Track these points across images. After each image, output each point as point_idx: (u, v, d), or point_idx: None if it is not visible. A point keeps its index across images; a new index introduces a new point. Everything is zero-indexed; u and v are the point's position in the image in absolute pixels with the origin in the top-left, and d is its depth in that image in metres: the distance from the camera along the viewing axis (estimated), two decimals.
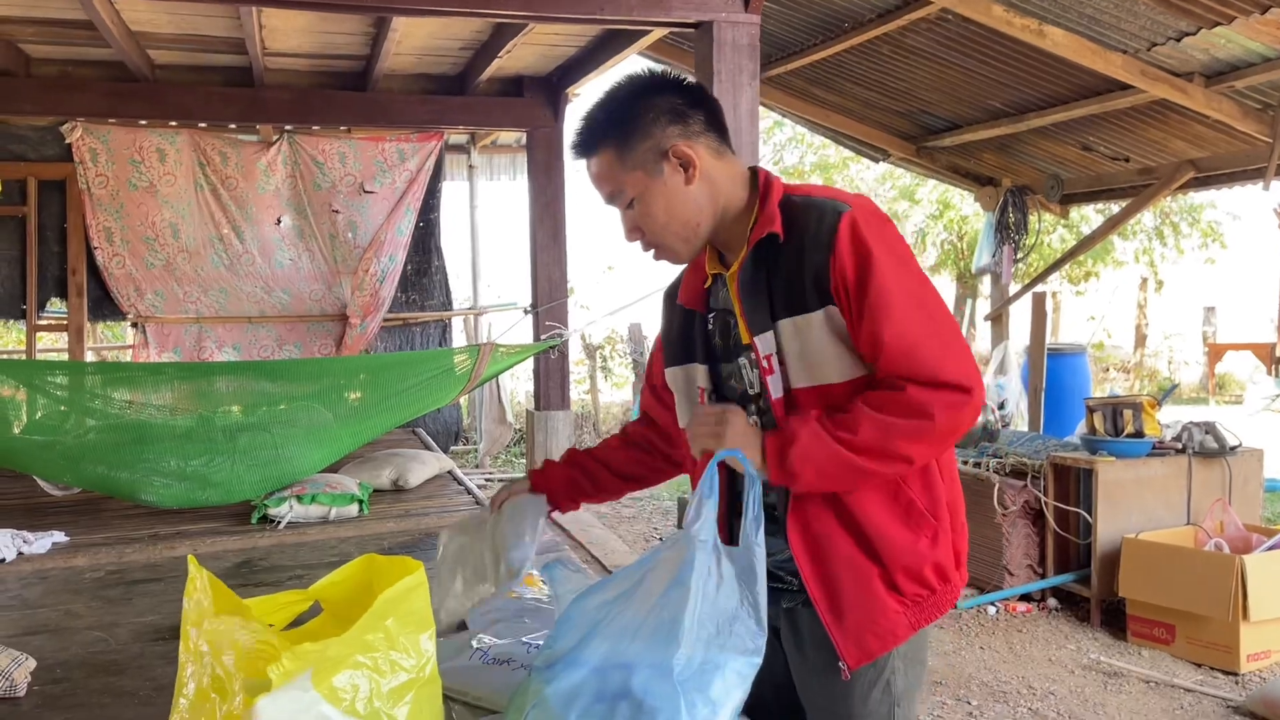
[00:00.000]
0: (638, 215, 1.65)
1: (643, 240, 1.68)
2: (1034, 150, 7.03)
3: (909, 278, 1.54)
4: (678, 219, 1.64)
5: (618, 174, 1.63)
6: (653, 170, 1.61)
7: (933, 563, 1.59)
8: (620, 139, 1.62)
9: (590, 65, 5.66)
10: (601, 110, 1.65)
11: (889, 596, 1.57)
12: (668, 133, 1.61)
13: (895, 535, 1.57)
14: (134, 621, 2.66)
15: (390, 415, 4.23)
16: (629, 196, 1.63)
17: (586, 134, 1.66)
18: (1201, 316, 14.22)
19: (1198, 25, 4.71)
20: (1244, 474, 4.85)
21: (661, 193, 1.62)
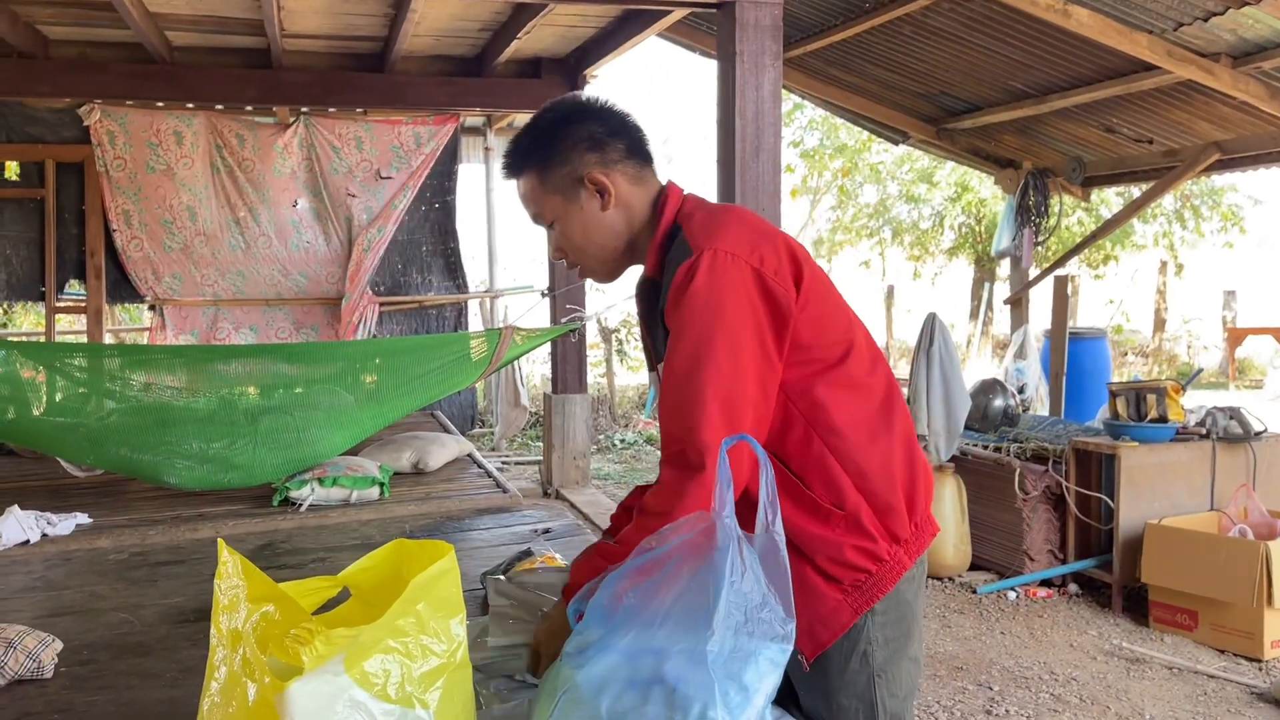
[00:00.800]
0: (559, 236, 1.75)
1: (566, 259, 1.77)
2: (1056, 132, 6.96)
3: (710, 331, 1.53)
4: (594, 242, 1.73)
5: (539, 197, 1.73)
6: (570, 195, 1.70)
7: (853, 546, 1.61)
8: (541, 164, 1.71)
9: (608, 47, 5.62)
10: (526, 136, 1.73)
11: (827, 587, 1.61)
12: (585, 160, 1.68)
13: (809, 530, 1.60)
14: (159, 603, 2.66)
15: (411, 398, 4.22)
16: (549, 219, 1.74)
17: (511, 158, 1.75)
18: (1221, 301, 14.11)
19: (1226, 5, 4.64)
20: (1268, 459, 4.81)
21: (579, 217, 1.71)
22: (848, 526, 1.61)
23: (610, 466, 7.93)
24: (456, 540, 3.18)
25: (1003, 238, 7.67)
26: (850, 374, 1.64)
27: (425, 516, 3.59)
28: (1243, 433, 4.72)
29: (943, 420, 4.99)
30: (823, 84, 7.09)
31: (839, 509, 1.61)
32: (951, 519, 4.99)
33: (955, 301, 15.91)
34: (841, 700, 1.66)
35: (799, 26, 6.16)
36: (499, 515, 3.57)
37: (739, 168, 3.69)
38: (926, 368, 5.02)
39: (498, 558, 2.77)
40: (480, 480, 4.20)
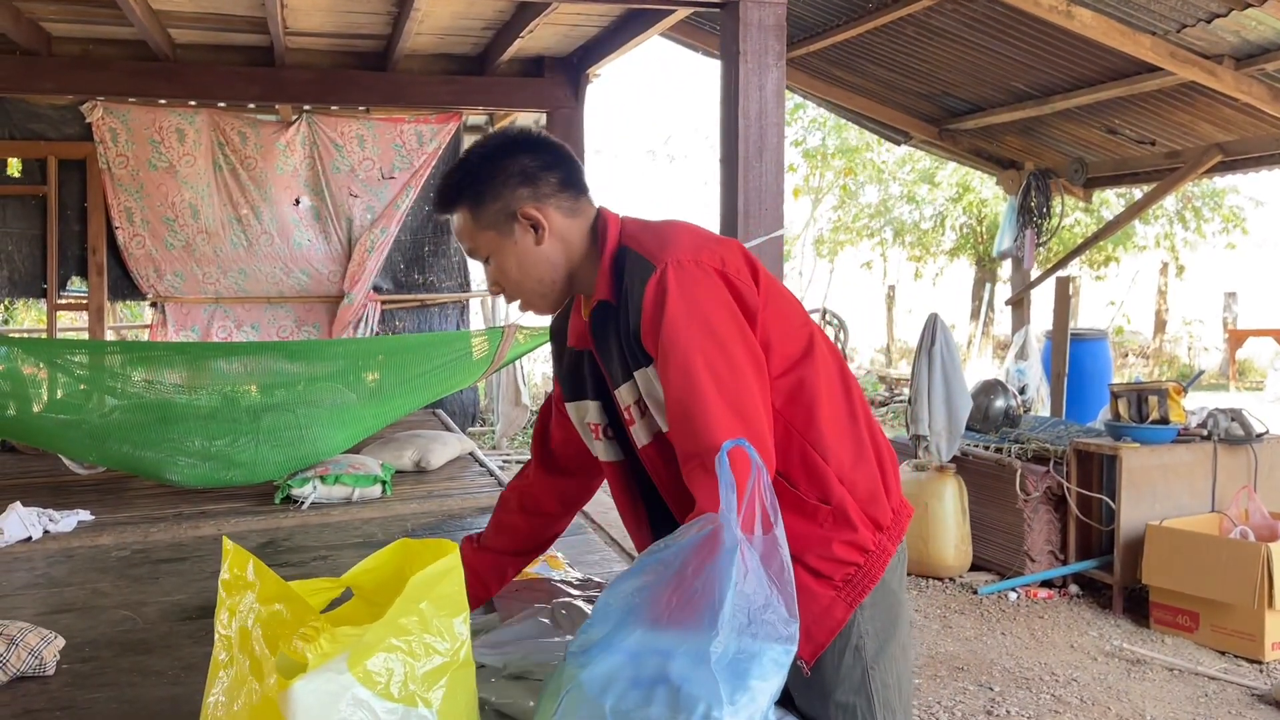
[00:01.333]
0: (494, 271, 1.72)
1: (503, 294, 1.75)
2: (1058, 133, 6.96)
3: (699, 339, 1.52)
4: (531, 276, 1.71)
5: (473, 232, 1.70)
6: (504, 230, 1.68)
7: (840, 540, 1.61)
8: (473, 200, 1.69)
9: (611, 46, 5.61)
10: (458, 171, 1.71)
11: (818, 585, 1.61)
12: (517, 195, 1.66)
13: (796, 529, 1.57)
14: (161, 600, 2.67)
15: (413, 396, 4.23)
16: (484, 254, 1.71)
17: (443, 194, 1.73)
18: (1222, 302, 14.11)
19: (1229, 6, 4.64)
20: (1270, 461, 4.82)
21: (513, 252, 1.69)
22: (835, 521, 1.61)
23: None
24: (458, 538, 3.18)
25: (1004, 238, 7.67)
26: (815, 365, 1.64)
27: (427, 515, 3.59)
28: (1244, 434, 4.72)
29: (944, 421, 4.99)
30: (825, 84, 7.09)
31: (825, 504, 1.61)
32: (952, 519, 4.99)
33: (956, 302, 15.91)
34: (839, 698, 1.66)
35: (802, 26, 6.16)
36: None
37: (742, 168, 3.68)
38: (928, 368, 5.02)
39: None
40: (482, 479, 4.20)
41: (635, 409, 1.66)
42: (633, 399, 1.65)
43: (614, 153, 18.23)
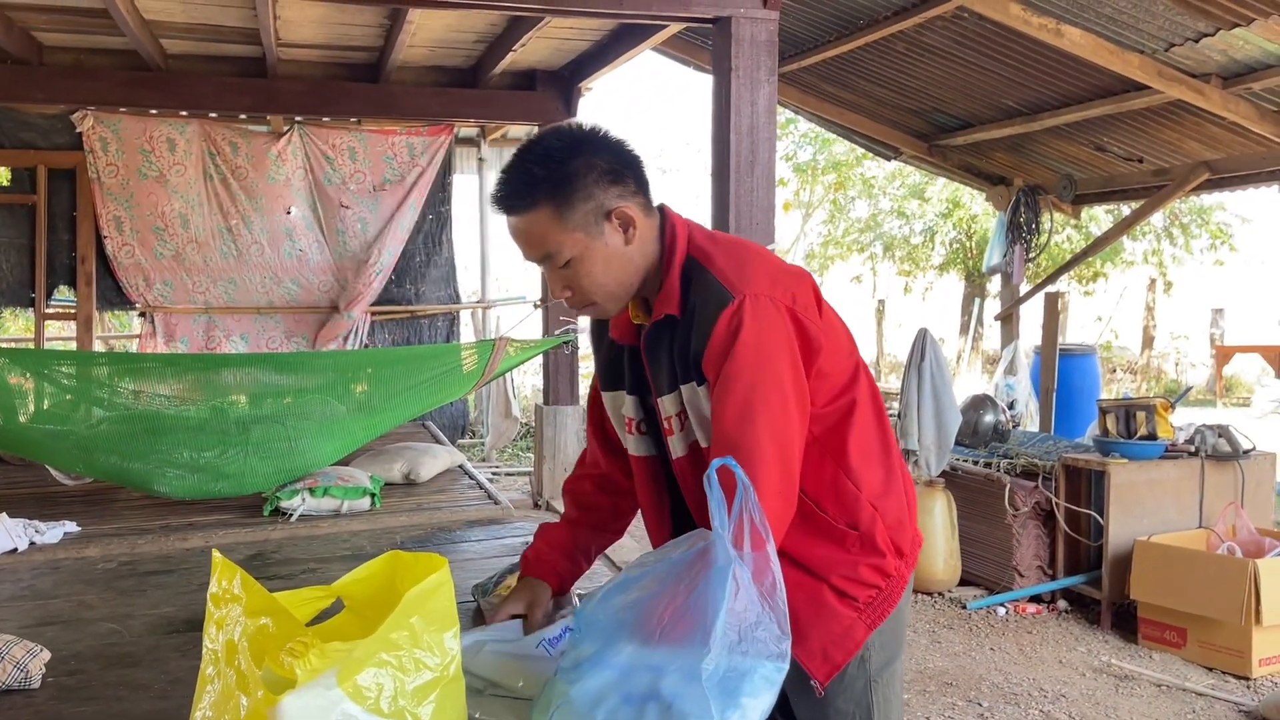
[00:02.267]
0: (572, 275, 1.60)
1: (572, 298, 1.64)
2: (1047, 150, 7.00)
3: (763, 379, 1.52)
4: (614, 279, 1.62)
5: (555, 234, 1.57)
6: (593, 231, 1.58)
7: (867, 564, 1.63)
8: (561, 198, 1.56)
9: (604, 60, 5.64)
10: (539, 166, 1.57)
11: (841, 605, 1.62)
12: (609, 192, 1.58)
13: (822, 552, 1.62)
14: (148, 613, 2.64)
15: (403, 409, 4.22)
16: (565, 257, 1.59)
17: (522, 189, 1.57)
18: (1209, 318, 14.19)
19: (1216, 26, 4.68)
20: (1257, 477, 4.84)
21: (601, 254, 1.59)
22: (862, 546, 1.63)
23: None
24: (447, 552, 3.17)
25: (993, 254, 7.71)
26: (858, 395, 1.67)
27: (416, 528, 3.58)
28: (1231, 451, 4.74)
29: (933, 435, 5.00)
30: (816, 99, 7.12)
31: (854, 529, 1.63)
32: (941, 534, 5.00)
33: (946, 317, 15.96)
34: (840, 705, 1.68)
35: (793, 42, 6.19)
36: (490, 527, 3.56)
37: (733, 182, 3.70)
38: (917, 383, 5.04)
39: (489, 570, 2.76)
40: (472, 491, 4.19)
41: (676, 420, 1.65)
42: (675, 410, 1.65)
43: None
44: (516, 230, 1.61)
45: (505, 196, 1.59)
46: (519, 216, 1.59)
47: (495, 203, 1.62)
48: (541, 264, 1.63)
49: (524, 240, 1.61)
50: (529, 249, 1.61)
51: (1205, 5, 4.50)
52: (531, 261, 1.65)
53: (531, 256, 1.62)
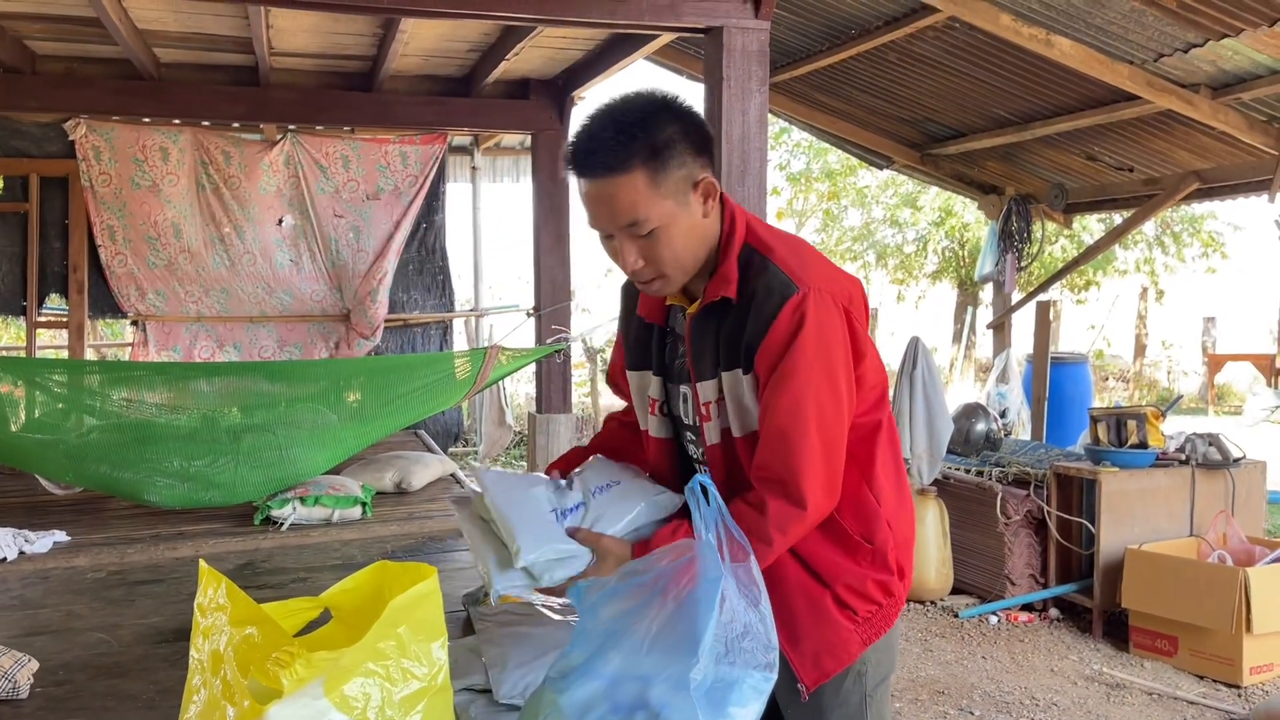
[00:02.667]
0: (652, 245, 1.55)
1: (642, 269, 1.59)
2: (1038, 159, 7.03)
3: (819, 374, 1.53)
4: (690, 252, 1.58)
5: (646, 200, 1.51)
6: (681, 200, 1.54)
7: (874, 579, 1.64)
8: (657, 163, 1.50)
9: (597, 69, 5.65)
10: (637, 127, 1.50)
11: (841, 616, 1.63)
12: (697, 162, 1.55)
13: (834, 560, 1.62)
14: (136, 623, 2.64)
15: (394, 418, 4.22)
16: (651, 225, 1.53)
17: (618, 150, 1.49)
18: (1201, 327, 14.24)
19: (1205, 37, 4.71)
20: (1247, 486, 4.85)
21: (684, 225, 1.55)
22: (873, 560, 1.64)
23: None
24: (438, 561, 3.17)
25: (986, 263, 7.73)
26: (885, 411, 1.69)
27: (408, 537, 3.58)
28: (1221, 459, 4.75)
29: (925, 444, 5.00)
30: (809, 109, 7.14)
31: (868, 542, 1.63)
32: (933, 543, 5.00)
33: (938, 325, 15.99)
34: (835, 718, 1.68)
35: (785, 52, 6.21)
36: None
37: (725, 190, 3.70)
38: (909, 391, 5.05)
39: (480, 579, 2.76)
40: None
41: (715, 406, 1.63)
42: (714, 396, 1.62)
43: None
44: (601, 195, 1.52)
45: (596, 157, 1.51)
46: (608, 180, 1.51)
47: (581, 164, 1.53)
48: (620, 231, 1.55)
49: (609, 205, 1.52)
50: (614, 215, 1.53)
51: (1194, 16, 4.53)
52: (603, 230, 1.57)
53: (613, 223, 1.54)
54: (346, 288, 6.99)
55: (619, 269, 1.65)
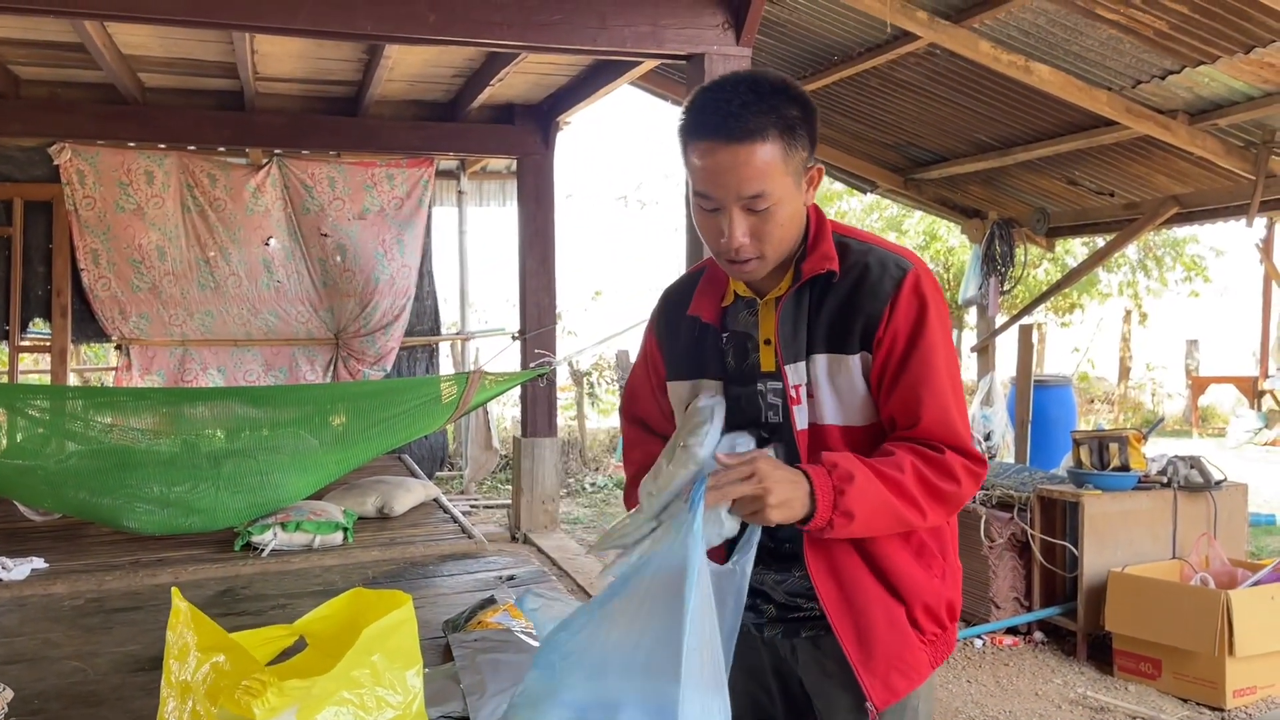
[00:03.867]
0: (764, 222, 1.49)
1: (747, 248, 1.51)
2: (1020, 184, 7.09)
3: (948, 349, 1.55)
4: (791, 236, 1.55)
5: (775, 173, 1.47)
6: (798, 182, 1.52)
7: (947, 600, 1.61)
8: (789, 139, 1.47)
9: (582, 94, 5.69)
10: (778, 99, 1.47)
11: (914, 634, 1.57)
12: (812, 149, 1.53)
13: (914, 573, 1.57)
14: (113, 651, 2.62)
15: (377, 442, 4.20)
16: (773, 199, 1.48)
17: (760, 116, 1.45)
18: (1184, 349, 14.32)
19: (1182, 64, 4.77)
20: (1229, 508, 4.86)
21: (794, 207, 1.52)
22: (945, 578, 1.61)
23: (580, 510, 7.89)
24: (420, 587, 3.16)
25: (969, 286, 7.77)
26: None
27: (389, 562, 3.56)
28: (1203, 482, 4.77)
29: None
30: None
31: (944, 559, 1.61)
32: None
33: None
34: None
35: None
36: (464, 561, 3.55)
37: None
38: None
39: (461, 605, 2.75)
40: (446, 525, 4.17)
41: (803, 390, 1.56)
42: (801, 380, 1.56)
43: (585, 198, 18.38)
44: (733, 161, 1.45)
45: (737, 120, 1.45)
46: (744, 145, 1.45)
47: (717, 126, 1.46)
48: (737, 203, 1.48)
49: (737, 173, 1.46)
50: (740, 184, 1.46)
51: (1170, 44, 4.59)
52: (720, 199, 1.49)
53: (736, 193, 1.47)
54: (338, 309, 6.98)
55: (710, 246, 1.57)
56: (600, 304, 13.46)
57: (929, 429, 1.50)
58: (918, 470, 1.48)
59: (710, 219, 1.52)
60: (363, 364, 6.92)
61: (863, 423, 1.56)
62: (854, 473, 1.45)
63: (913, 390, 1.50)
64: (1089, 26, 4.64)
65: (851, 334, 1.52)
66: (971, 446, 1.53)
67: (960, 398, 1.55)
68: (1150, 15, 4.39)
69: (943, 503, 1.51)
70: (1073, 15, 4.58)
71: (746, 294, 1.64)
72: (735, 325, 1.66)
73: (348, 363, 6.94)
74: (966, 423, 1.55)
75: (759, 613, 1.66)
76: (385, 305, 7.01)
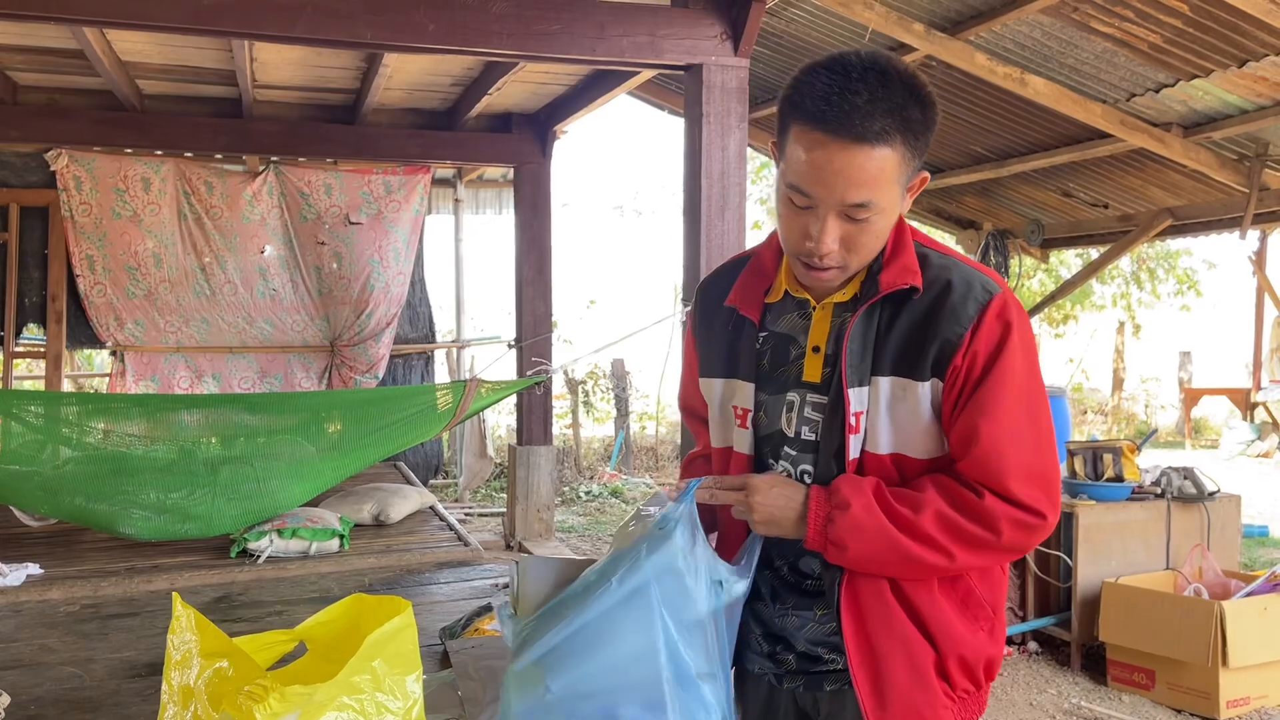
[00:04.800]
0: (860, 231, 1.36)
1: (833, 256, 1.38)
2: (1015, 195, 7.12)
3: (1029, 381, 1.39)
4: (879, 247, 1.41)
5: (885, 183, 1.33)
6: (903, 191, 1.39)
7: (987, 658, 1.46)
8: (911, 146, 1.34)
9: (579, 103, 5.70)
10: (906, 100, 1.31)
11: (940, 687, 1.42)
12: (924, 154, 1.40)
13: (953, 623, 1.42)
14: (109, 658, 2.62)
15: (373, 450, 4.20)
16: (876, 211, 1.35)
17: (886, 119, 1.30)
18: (1177, 361, 14.37)
19: (1176, 77, 4.81)
20: (1222, 519, 4.88)
21: (892, 217, 1.39)
22: (989, 634, 1.46)
23: (574, 519, 7.89)
24: (416, 594, 3.16)
25: None
26: None
27: (385, 570, 3.56)
28: (1197, 493, 4.79)
29: None
30: None
31: (993, 611, 1.47)
32: None
33: None
34: None
35: (765, 88, 6.29)
36: (460, 569, 3.55)
37: (704, 225, 3.75)
38: None
39: (457, 612, 2.76)
40: (442, 533, 4.17)
41: (864, 418, 1.41)
42: (863, 407, 1.41)
43: (581, 207, 18.42)
44: (846, 163, 1.30)
45: (859, 119, 1.29)
46: (862, 148, 1.30)
47: (835, 121, 1.29)
48: (837, 207, 1.35)
49: (847, 178, 1.31)
50: (847, 188, 1.32)
51: (1164, 57, 4.62)
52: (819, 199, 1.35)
53: (840, 197, 1.33)
54: (334, 317, 6.98)
55: (788, 243, 1.43)
56: (595, 312, 13.48)
57: (974, 467, 1.36)
58: (940, 511, 1.35)
59: (798, 215, 1.38)
60: (355, 372, 6.93)
61: (921, 455, 1.41)
62: (852, 501, 1.35)
63: (972, 422, 1.35)
64: (1084, 39, 4.68)
65: (924, 358, 1.37)
66: (1023, 494, 1.35)
67: (1038, 443, 1.39)
68: (1144, 29, 4.42)
69: (974, 549, 1.37)
70: (1068, 28, 4.61)
71: (799, 293, 1.49)
72: (777, 326, 1.52)
73: (341, 370, 6.95)
74: (1031, 473, 1.36)
75: (778, 662, 1.54)
76: (380, 313, 7.01)
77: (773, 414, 1.50)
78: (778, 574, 1.54)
